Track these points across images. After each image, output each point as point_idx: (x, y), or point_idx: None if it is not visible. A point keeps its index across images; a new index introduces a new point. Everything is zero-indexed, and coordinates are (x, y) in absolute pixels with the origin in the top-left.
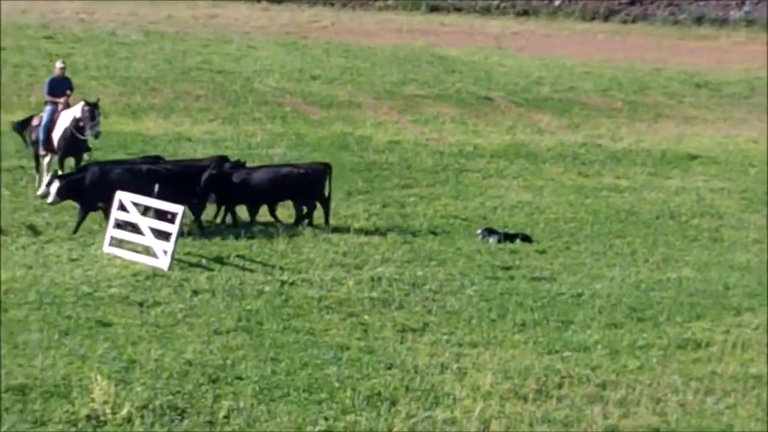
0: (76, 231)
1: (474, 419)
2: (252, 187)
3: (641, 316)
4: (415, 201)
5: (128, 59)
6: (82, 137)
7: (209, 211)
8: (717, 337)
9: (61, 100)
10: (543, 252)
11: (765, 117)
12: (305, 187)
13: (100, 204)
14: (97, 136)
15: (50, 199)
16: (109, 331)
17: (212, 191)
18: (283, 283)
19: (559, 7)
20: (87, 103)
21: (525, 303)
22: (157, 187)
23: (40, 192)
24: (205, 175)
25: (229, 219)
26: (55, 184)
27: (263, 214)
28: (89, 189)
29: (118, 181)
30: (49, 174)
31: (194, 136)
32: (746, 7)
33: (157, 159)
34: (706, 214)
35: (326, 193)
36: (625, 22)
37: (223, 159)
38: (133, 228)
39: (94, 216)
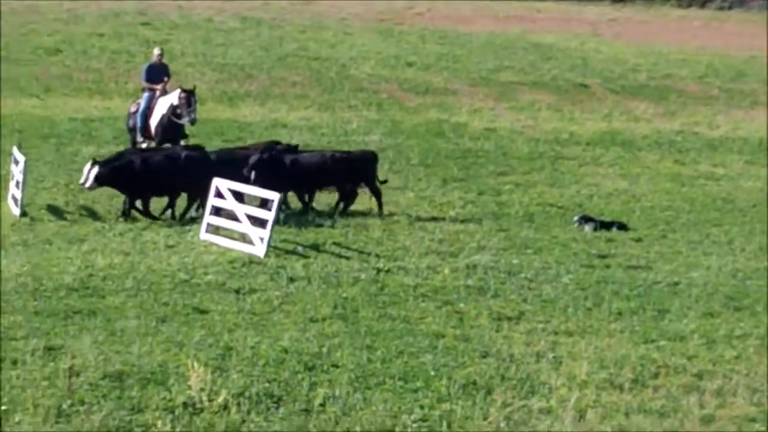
0: (125, 216)
1: (569, 408)
2: (298, 173)
3: (738, 305)
4: (511, 188)
5: (225, 46)
6: (179, 123)
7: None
8: None
9: (159, 86)
10: (639, 240)
11: None
12: (351, 173)
13: (142, 193)
14: (193, 122)
15: (88, 185)
16: (206, 318)
17: (259, 176)
18: (378, 270)
19: None
20: (184, 90)
21: (621, 292)
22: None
23: (81, 180)
24: (252, 160)
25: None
26: (95, 170)
27: (358, 201)
28: (129, 176)
29: (158, 167)
30: (90, 160)
31: (290, 123)
32: None
33: (198, 147)
34: None
35: (375, 180)
36: (721, 8)
37: (274, 144)
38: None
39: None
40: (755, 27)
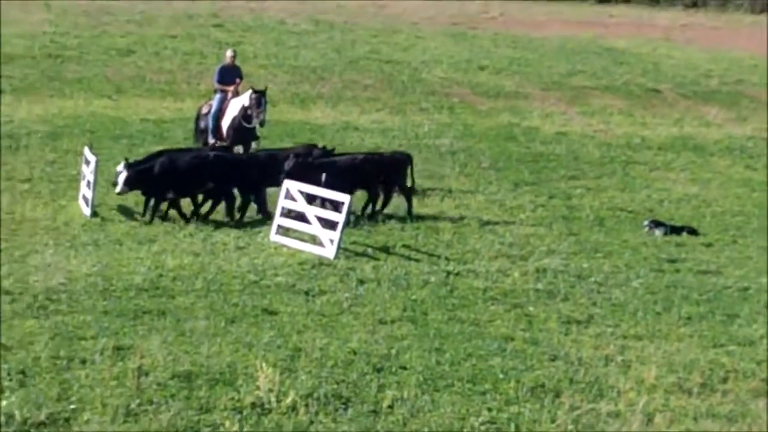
0: (151, 220)
1: (638, 412)
2: (335, 175)
3: None
4: (582, 193)
5: (297, 48)
6: (249, 125)
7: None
8: None
9: (231, 88)
10: (709, 245)
11: None
12: (386, 175)
13: (170, 194)
14: (262, 124)
15: (118, 189)
16: (275, 320)
17: (294, 179)
18: (448, 273)
19: None
20: (255, 91)
21: (690, 296)
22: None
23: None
24: (288, 163)
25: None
26: (123, 174)
27: (429, 204)
28: (160, 177)
29: (185, 169)
30: (122, 161)
31: (361, 126)
32: None
33: (223, 147)
34: None
35: (408, 182)
36: None
37: (312, 147)
38: (299, 216)
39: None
40: None
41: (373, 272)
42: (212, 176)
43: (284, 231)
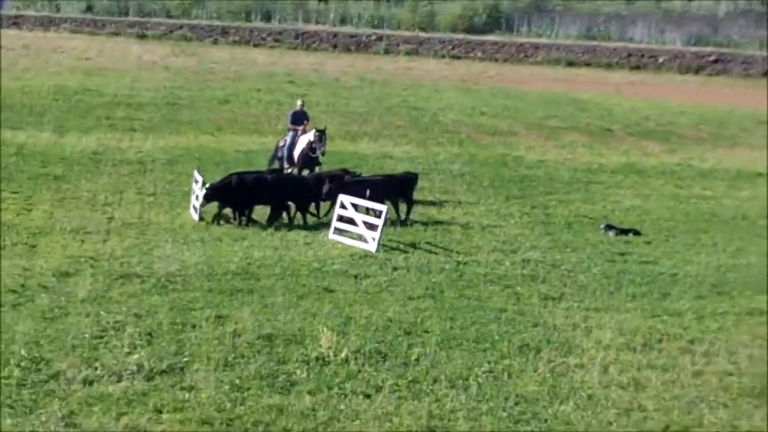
0: (240, 223)
1: (597, 365)
2: (361, 191)
3: (720, 290)
4: (555, 204)
5: (348, 98)
6: (314, 155)
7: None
8: None
9: (300, 128)
10: (649, 243)
11: None
12: (401, 190)
13: (240, 206)
14: (323, 154)
15: (199, 203)
16: (333, 296)
17: (332, 195)
18: (458, 263)
19: (663, 64)
20: (318, 130)
21: (635, 280)
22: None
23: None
24: (324, 188)
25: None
26: (203, 192)
27: (444, 212)
28: (230, 193)
29: (250, 187)
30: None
31: (395, 155)
32: None
33: (275, 170)
34: None
35: (413, 195)
36: (710, 75)
37: (345, 171)
38: (349, 221)
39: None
40: (735, 88)
41: (404, 261)
42: (270, 192)
43: (339, 231)
